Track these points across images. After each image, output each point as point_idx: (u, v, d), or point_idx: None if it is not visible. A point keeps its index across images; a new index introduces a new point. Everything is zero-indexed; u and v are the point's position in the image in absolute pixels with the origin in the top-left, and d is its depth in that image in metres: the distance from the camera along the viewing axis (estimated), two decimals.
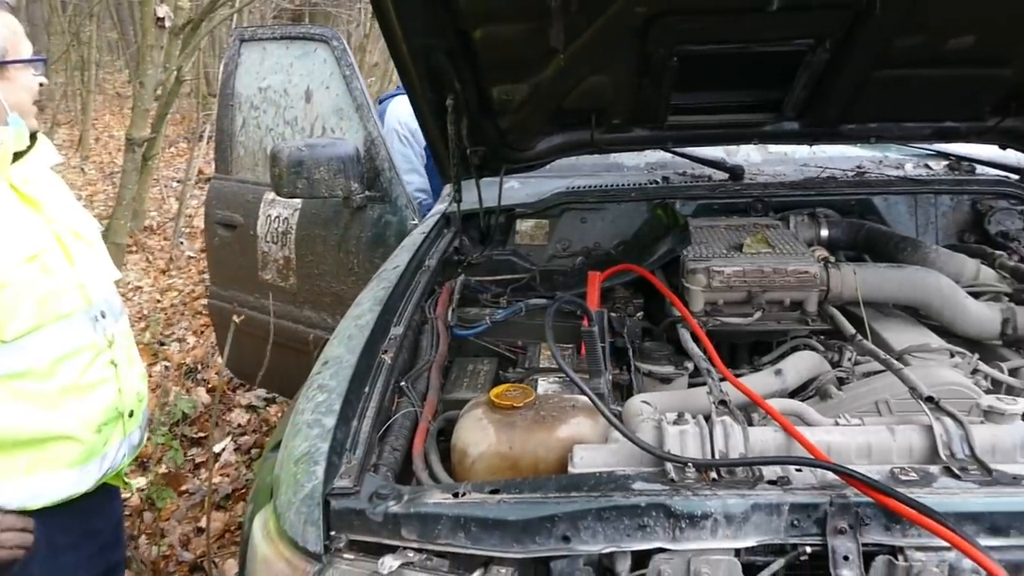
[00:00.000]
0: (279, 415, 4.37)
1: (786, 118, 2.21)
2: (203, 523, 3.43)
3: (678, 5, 1.77)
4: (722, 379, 1.46)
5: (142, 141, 4.44)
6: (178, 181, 8.85)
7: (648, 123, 2.22)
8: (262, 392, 4.40)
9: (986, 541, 1.08)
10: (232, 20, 7.50)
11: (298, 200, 3.23)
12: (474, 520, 1.15)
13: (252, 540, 1.31)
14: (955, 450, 1.22)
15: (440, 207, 2.62)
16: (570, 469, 1.30)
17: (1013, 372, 1.72)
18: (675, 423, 1.29)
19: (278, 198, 3.32)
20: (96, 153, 11.22)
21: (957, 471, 1.17)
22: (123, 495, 2.03)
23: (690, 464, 1.20)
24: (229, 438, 4.03)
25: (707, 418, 1.29)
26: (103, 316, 1.73)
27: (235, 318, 2.83)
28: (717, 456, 1.24)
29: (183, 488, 3.65)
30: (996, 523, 1.10)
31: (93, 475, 1.72)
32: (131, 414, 1.79)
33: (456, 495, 1.20)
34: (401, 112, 3.58)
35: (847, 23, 1.79)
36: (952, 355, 1.68)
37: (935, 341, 1.72)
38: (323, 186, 2.79)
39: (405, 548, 1.17)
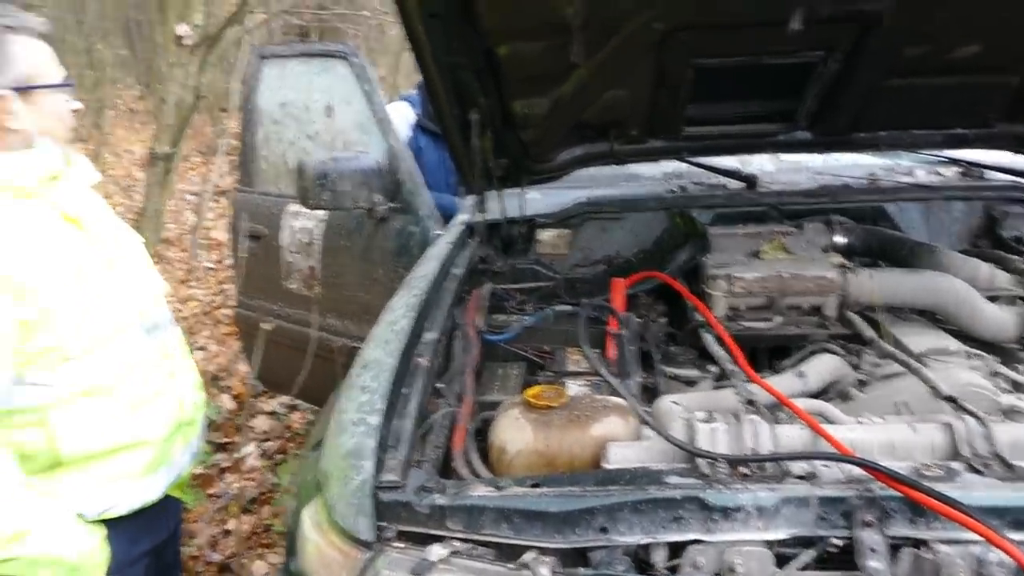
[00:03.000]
0: (303, 421, 4.45)
1: (798, 127, 2.27)
2: (229, 526, 3.51)
3: (694, 21, 1.84)
4: (748, 380, 1.52)
5: (164, 155, 4.53)
6: (194, 194, 8.95)
7: (664, 134, 2.29)
8: (285, 399, 4.47)
9: (1009, 535, 1.12)
10: (244, 38, 7.61)
11: (323, 212, 3.31)
12: (516, 512, 1.21)
13: (302, 531, 1.37)
14: (976, 447, 1.28)
15: (463, 217, 2.68)
16: (604, 465, 1.36)
17: None
18: (705, 421, 1.35)
19: (302, 210, 3.41)
20: (111, 167, 11.35)
21: (979, 467, 1.23)
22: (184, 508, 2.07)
23: (721, 459, 1.26)
24: (253, 444, 4.10)
25: (736, 417, 1.35)
26: (156, 328, 1.77)
27: (264, 325, 2.90)
28: (746, 453, 1.30)
29: (210, 492, 3.72)
30: (1019, 518, 1.14)
31: (161, 484, 1.76)
32: (191, 423, 1.84)
33: (499, 488, 1.27)
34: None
35: (856, 34, 1.85)
36: (970, 357, 1.73)
37: (953, 344, 1.78)
38: (347, 198, 2.87)
39: (451, 538, 1.23)
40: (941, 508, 1.09)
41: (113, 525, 1.67)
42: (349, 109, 3.27)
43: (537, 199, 2.64)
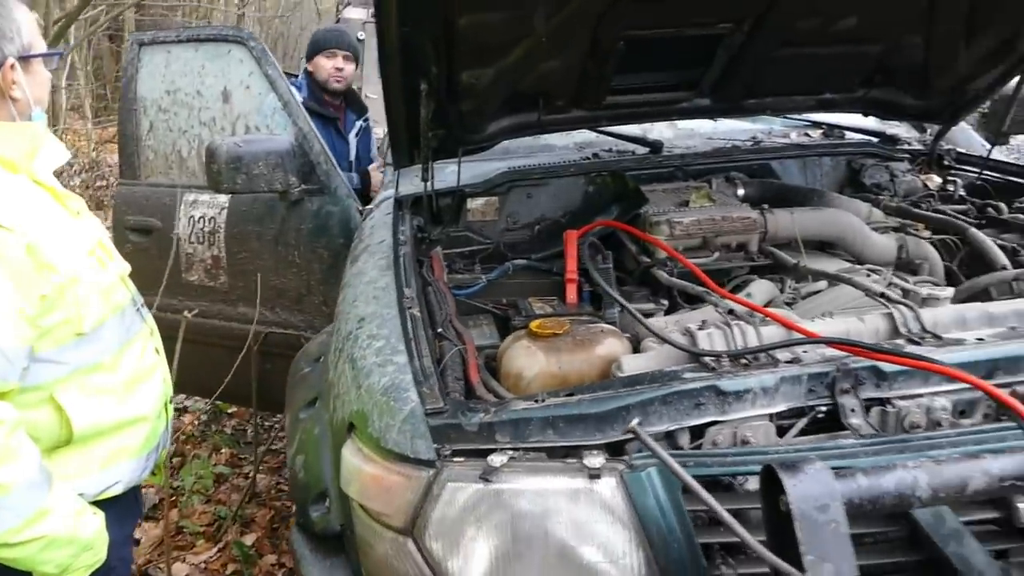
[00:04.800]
0: (194, 423, 4.29)
1: (700, 95, 2.56)
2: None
3: None
4: (720, 300, 1.76)
5: None
6: None
7: (588, 104, 2.49)
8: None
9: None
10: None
11: (224, 198, 3.26)
12: (561, 418, 1.37)
13: (349, 467, 1.45)
14: (911, 327, 1.59)
15: (388, 192, 2.77)
16: (619, 376, 1.54)
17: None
18: (700, 328, 1.57)
19: (201, 197, 3.34)
20: None
21: (917, 340, 1.53)
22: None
23: (724, 355, 1.48)
24: None
25: (726, 324, 1.59)
26: (143, 305, 1.78)
27: (187, 313, 2.84)
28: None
29: None
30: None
31: (151, 462, 1.75)
32: (170, 400, 1.84)
33: (538, 401, 1.42)
34: None
35: (761, 7, 2.14)
36: (870, 273, 2.08)
37: (855, 265, 2.12)
38: (262, 180, 2.87)
39: (503, 449, 1.37)
40: (916, 363, 1.37)
41: (108, 506, 1.65)
42: (248, 93, 3.24)
43: (454, 172, 2.78)
